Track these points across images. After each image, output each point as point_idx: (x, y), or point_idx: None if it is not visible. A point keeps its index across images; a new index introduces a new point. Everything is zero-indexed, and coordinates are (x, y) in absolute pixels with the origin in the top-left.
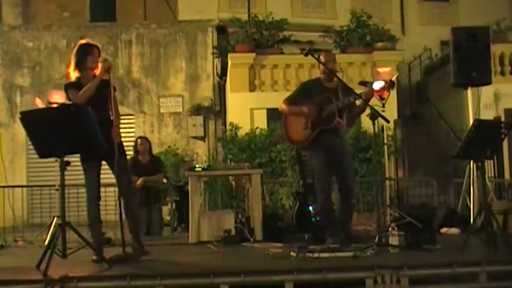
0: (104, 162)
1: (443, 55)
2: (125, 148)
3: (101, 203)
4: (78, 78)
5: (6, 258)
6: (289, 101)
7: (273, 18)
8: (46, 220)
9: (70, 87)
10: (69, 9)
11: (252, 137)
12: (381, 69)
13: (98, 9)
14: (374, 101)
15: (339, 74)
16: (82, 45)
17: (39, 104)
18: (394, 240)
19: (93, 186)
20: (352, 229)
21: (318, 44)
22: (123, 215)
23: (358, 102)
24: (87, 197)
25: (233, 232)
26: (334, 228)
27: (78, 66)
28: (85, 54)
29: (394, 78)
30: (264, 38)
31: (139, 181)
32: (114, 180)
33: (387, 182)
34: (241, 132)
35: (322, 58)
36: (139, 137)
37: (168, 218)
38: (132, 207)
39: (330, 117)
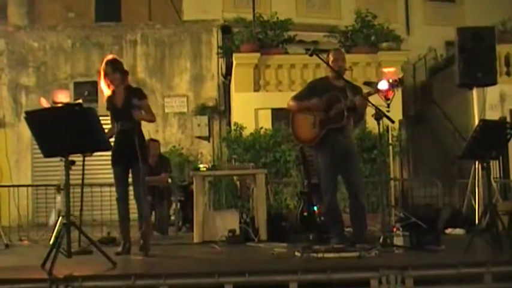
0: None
1: (448, 55)
2: None
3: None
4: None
5: (11, 257)
6: (297, 99)
7: (277, 18)
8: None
9: None
10: (74, 9)
11: (256, 137)
12: (385, 69)
13: (103, 10)
14: (379, 101)
15: (347, 72)
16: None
17: (44, 103)
18: (398, 241)
19: (118, 188)
20: (365, 230)
21: (323, 44)
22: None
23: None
24: (116, 197)
25: (238, 232)
26: (339, 228)
27: None
28: None
29: (400, 77)
30: (268, 38)
31: None
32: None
33: (392, 183)
34: (245, 132)
35: (330, 56)
36: (151, 140)
37: (173, 217)
38: (143, 210)
39: (338, 116)
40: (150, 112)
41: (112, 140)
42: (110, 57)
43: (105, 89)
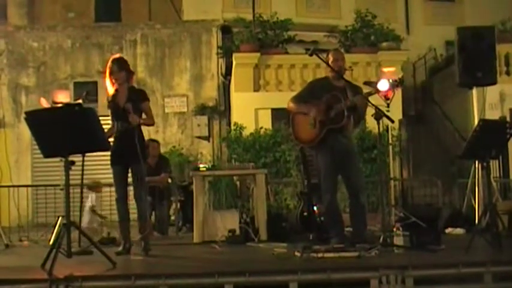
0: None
1: (448, 55)
2: None
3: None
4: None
5: (11, 257)
6: (297, 99)
7: (277, 18)
8: (51, 220)
9: None
10: (74, 9)
11: (256, 137)
12: (385, 69)
13: (103, 10)
14: (379, 101)
15: (347, 72)
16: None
17: (44, 103)
18: (398, 241)
19: (117, 188)
20: (365, 229)
21: (323, 44)
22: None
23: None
24: (115, 197)
25: (238, 232)
26: (339, 228)
27: None
28: None
29: (400, 77)
30: (268, 37)
31: None
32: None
33: (392, 182)
34: (245, 132)
35: (330, 56)
36: (150, 140)
37: (173, 217)
38: (142, 211)
39: (338, 117)
40: (150, 115)
41: (111, 139)
42: (116, 55)
43: (109, 87)
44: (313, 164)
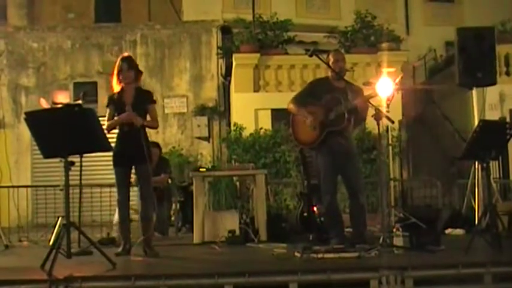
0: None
1: (448, 56)
2: None
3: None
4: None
5: (11, 258)
6: (297, 100)
7: (277, 18)
8: (51, 220)
9: None
10: (74, 10)
11: (256, 137)
12: (385, 70)
13: (103, 10)
14: (378, 102)
15: (347, 73)
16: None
17: (44, 104)
18: (398, 241)
19: (120, 189)
20: (365, 230)
21: (323, 45)
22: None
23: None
24: (117, 198)
25: (237, 233)
26: (338, 229)
27: None
28: None
29: (397, 80)
30: (268, 38)
31: None
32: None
33: (391, 183)
34: (245, 133)
35: (331, 57)
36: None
37: (173, 218)
38: (147, 212)
39: (338, 119)
40: (155, 118)
41: (113, 140)
42: (125, 54)
43: (115, 85)
44: (312, 165)
